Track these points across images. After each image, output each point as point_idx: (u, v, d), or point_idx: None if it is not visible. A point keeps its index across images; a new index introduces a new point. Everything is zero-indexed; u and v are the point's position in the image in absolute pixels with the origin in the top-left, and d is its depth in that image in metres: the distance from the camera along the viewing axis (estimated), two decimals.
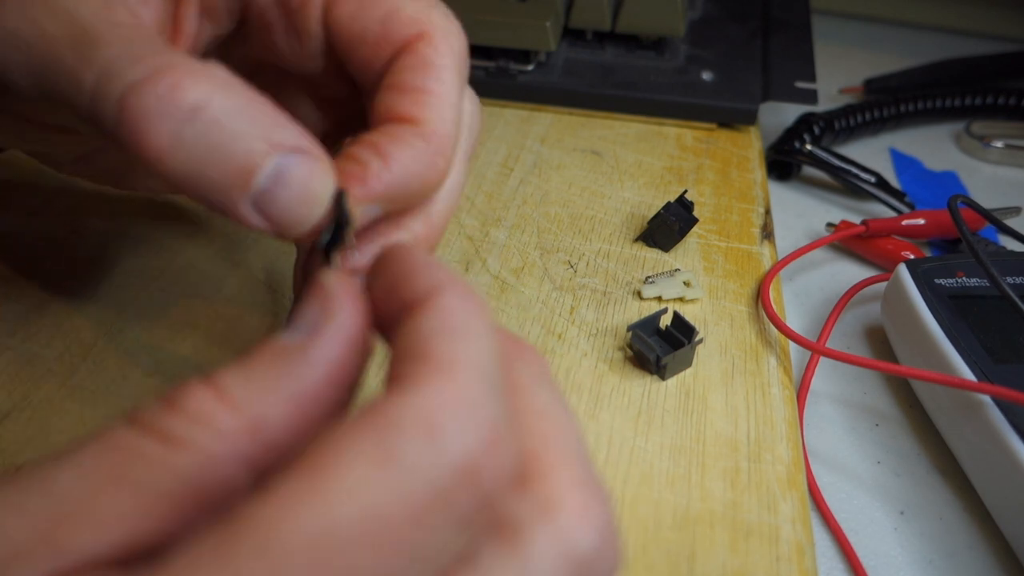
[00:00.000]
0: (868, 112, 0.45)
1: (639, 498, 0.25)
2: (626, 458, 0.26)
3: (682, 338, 0.28)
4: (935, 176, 0.45)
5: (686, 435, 0.27)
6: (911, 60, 0.51)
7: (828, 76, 0.51)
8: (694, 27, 0.46)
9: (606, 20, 0.43)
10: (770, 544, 0.24)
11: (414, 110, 0.19)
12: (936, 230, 0.37)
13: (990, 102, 0.46)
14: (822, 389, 0.32)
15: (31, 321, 0.30)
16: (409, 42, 0.20)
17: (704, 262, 0.34)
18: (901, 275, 0.31)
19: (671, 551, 0.24)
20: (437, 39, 0.20)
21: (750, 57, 0.44)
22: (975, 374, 0.27)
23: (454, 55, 0.20)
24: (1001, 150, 0.45)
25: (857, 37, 0.58)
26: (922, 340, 0.29)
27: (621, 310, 0.31)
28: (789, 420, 0.27)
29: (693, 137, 0.41)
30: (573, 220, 0.35)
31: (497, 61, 0.42)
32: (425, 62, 0.19)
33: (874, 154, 0.46)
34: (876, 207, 0.41)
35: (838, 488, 0.29)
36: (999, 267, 0.29)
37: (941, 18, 0.57)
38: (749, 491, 0.25)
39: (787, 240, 0.39)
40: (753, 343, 0.30)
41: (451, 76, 0.20)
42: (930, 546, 0.27)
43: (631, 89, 0.42)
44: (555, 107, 0.42)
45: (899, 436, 0.30)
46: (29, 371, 0.28)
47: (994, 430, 0.26)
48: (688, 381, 0.28)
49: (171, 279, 0.31)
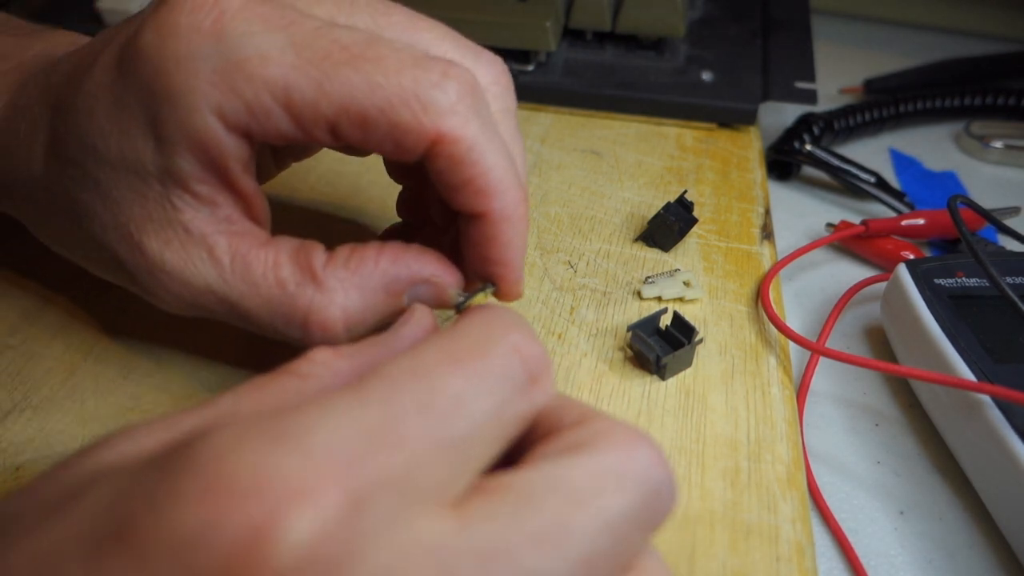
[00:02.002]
0: (868, 112, 0.45)
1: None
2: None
3: (682, 338, 0.28)
4: (935, 176, 0.45)
5: (686, 435, 0.27)
6: (911, 60, 0.51)
7: (828, 76, 0.51)
8: (694, 27, 0.46)
9: (606, 20, 0.43)
10: (770, 544, 0.24)
11: (481, 205, 0.21)
12: (936, 230, 0.37)
13: (990, 102, 0.46)
14: (822, 389, 0.32)
15: (31, 321, 0.30)
16: (431, 147, 0.20)
17: (704, 262, 0.34)
18: (901, 275, 0.31)
19: (671, 551, 0.24)
20: (455, 130, 0.20)
21: (750, 57, 0.44)
22: (975, 374, 0.27)
23: (475, 121, 0.21)
24: (1001, 150, 0.45)
25: (857, 37, 0.58)
26: (922, 340, 0.29)
27: (621, 310, 0.31)
28: (789, 420, 0.27)
29: (693, 137, 0.41)
30: (573, 220, 0.35)
31: None
32: (459, 160, 0.20)
33: (874, 154, 0.46)
34: (876, 207, 0.41)
35: (838, 488, 0.29)
36: (999, 267, 0.29)
37: (941, 18, 0.57)
38: (749, 491, 0.25)
39: (787, 240, 0.39)
40: (753, 343, 0.30)
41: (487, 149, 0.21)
42: (930, 546, 0.27)
43: (631, 89, 0.42)
44: (555, 107, 0.42)
45: (899, 436, 0.30)
46: (29, 371, 0.28)
47: (994, 430, 0.26)
48: (688, 381, 0.28)
49: None
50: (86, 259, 0.25)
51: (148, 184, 0.21)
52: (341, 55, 0.20)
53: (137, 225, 0.22)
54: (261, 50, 0.19)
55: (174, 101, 0.20)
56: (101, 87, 0.21)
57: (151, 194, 0.21)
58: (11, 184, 0.25)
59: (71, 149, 0.22)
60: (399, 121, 0.20)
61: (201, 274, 0.22)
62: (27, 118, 0.24)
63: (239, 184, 0.22)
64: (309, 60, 0.19)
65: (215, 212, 0.22)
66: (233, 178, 0.22)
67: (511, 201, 0.22)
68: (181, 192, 0.21)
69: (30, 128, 0.24)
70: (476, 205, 0.21)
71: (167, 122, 0.20)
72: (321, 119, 0.20)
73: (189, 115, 0.20)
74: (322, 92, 0.20)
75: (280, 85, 0.20)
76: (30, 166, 0.24)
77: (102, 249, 0.23)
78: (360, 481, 0.12)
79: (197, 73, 0.20)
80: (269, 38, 0.20)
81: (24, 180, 0.24)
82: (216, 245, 0.22)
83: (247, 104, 0.20)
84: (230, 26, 0.20)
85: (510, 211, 0.22)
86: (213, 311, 0.23)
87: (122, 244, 0.22)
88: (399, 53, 0.20)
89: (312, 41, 0.20)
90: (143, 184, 0.21)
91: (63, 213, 0.24)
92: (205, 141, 0.20)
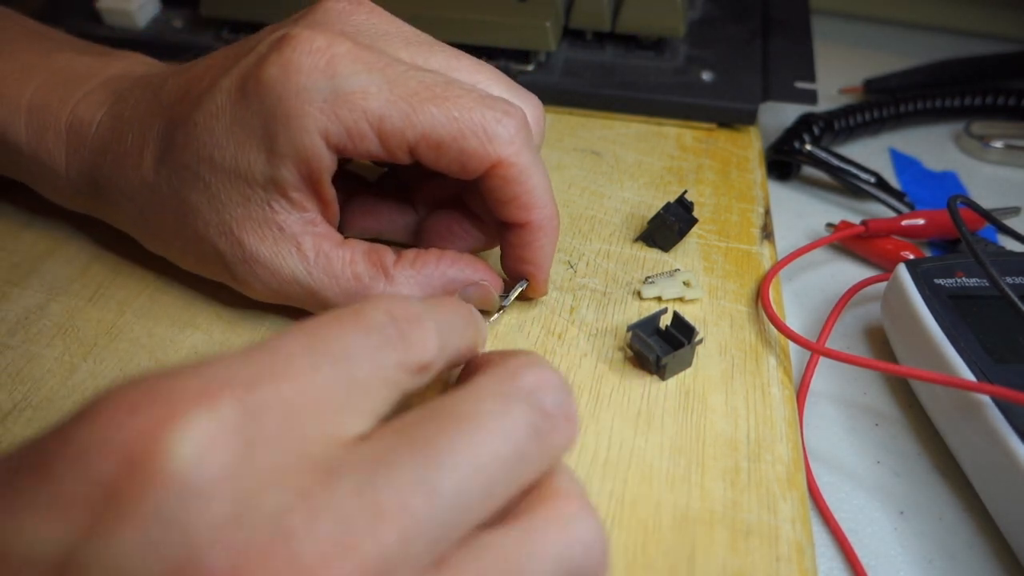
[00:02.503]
0: (868, 112, 0.45)
1: (639, 498, 0.25)
2: (626, 458, 0.26)
3: (682, 338, 0.28)
4: (935, 176, 0.45)
5: (686, 435, 0.27)
6: (911, 60, 0.51)
7: (828, 76, 0.51)
8: (694, 27, 0.46)
9: (606, 20, 0.43)
10: (770, 544, 0.24)
11: (524, 216, 0.27)
12: (936, 230, 0.37)
13: (990, 102, 0.46)
14: (822, 389, 0.32)
15: (32, 321, 0.30)
16: (491, 169, 0.25)
17: (704, 262, 0.34)
18: (901, 275, 0.31)
19: (671, 551, 0.24)
20: (511, 157, 0.25)
21: (750, 57, 0.44)
22: (975, 374, 0.27)
23: (527, 152, 0.25)
24: (1001, 150, 0.45)
25: (857, 37, 0.58)
26: (922, 340, 0.29)
27: (621, 310, 0.31)
28: (789, 420, 0.27)
29: (693, 137, 0.41)
30: (573, 220, 0.35)
31: (497, 61, 0.42)
32: (511, 181, 0.25)
33: (874, 154, 0.46)
34: (876, 207, 0.41)
35: (838, 488, 0.29)
36: (999, 267, 0.29)
37: (941, 18, 0.57)
38: (749, 491, 0.25)
39: (787, 240, 0.39)
40: (753, 343, 0.30)
41: (533, 173, 0.26)
42: (930, 546, 0.27)
43: (631, 89, 0.42)
44: (555, 107, 0.42)
45: (899, 436, 0.30)
46: (30, 371, 0.28)
47: (994, 430, 0.26)
48: (688, 381, 0.28)
49: (172, 279, 0.31)
50: (183, 251, 0.29)
51: (253, 190, 0.26)
52: (425, 93, 0.24)
53: (239, 223, 0.26)
54: (363, 86, 0.24)
55: (289, 123, 0.24)
56: (222, 108, 0.25)
57: (255, 198, 0.26)
58: (118, 185, 0.29)
59: (186, 156, 0.26)
60: (467, 148, 0.25)
61: (289, 266, 0.26)
62: (135, 129, 0.28)
63: (325, 192, 0.26)
64: (400, 96, 0.24)
65: (304, 215, 0.26)
66: (322, 187, 0.26)
67: (548, 215, 0.27)
68: (279, 197, 0.26)
69: (139, 138, 0.28)
70: (520, 216, 0.26)
71: (280, 138, 0.24)
72: (404, 143, 0.25)
73: (300, 134, 0.24)
74: (408, 122, 0.24)
75: (376, 115, 0.24)
76: (140, 170, 0.28)
77: (202, 242, 0.27)
78: (254, 396, 0.14)
79: (312, 101, 0.24)
80: (369, 77, 0.24)
81: (130, 181, 0.28)
82: (303, 243, 0.26)
83: (348, 129, 0.24)
84: (340, 66, 0.24)
85: (546, 223, 0.27)
86: (295, 298, 0.27)
87: (222, 239, 0.27)
88: (470, 93, 0.25)
89: (403, 81, 0.24)
90: (249, 189, 0.26)
91: (168, 212, 0.28)
92: (310, 156, 0.25)
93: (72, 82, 0.30)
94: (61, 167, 0.30)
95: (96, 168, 0.29)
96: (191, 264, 0.29)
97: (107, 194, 0.30)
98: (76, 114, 0.30)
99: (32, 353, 0.29)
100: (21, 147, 0.30)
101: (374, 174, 0.34)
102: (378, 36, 0.26)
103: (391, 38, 0.27)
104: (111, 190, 0.29)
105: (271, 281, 0.27)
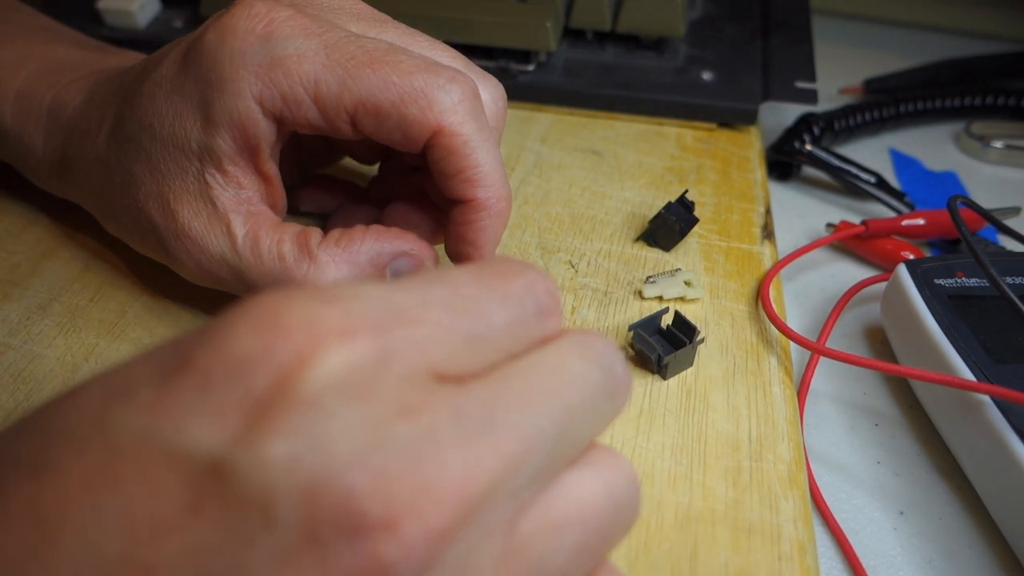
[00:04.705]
0: (868, 112, 0.45)
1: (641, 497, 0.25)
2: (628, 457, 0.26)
3: (683, 338, 0.28)
4: (935, 176, 0.45)
5: (688, 434, 0.27)
6: (911, 60, 0.51)
7: (828, 76, 0.51)
8: (694, 27, 0.46)
9: (606, 20, 0.43)
10: (772, 543, 0.24)
11: (469, 192, 0.25)
12: (936, 230, 0.37)
13: (990, 102, 0.46)
14: (822, 389, 0.32)
15: (33, 322, 0.30)
16: (432, 138, 0.24)
17: (705, 262, 0.34)
18: (901, 275, 0.31)
19: (673, 550, 0.24)
20: (454, 125, 0.24)
21: (750, 57, 0.44)
22: (975, 374, 0.27)
23: (472, 122, 0.24)
24: (1001, 150, 0.45)
25: (857, 37, 0.58)
26: (922, 340, 0.29)
27: (622, 310, 0.31)
28: (790, 419, 0.28)
29: (693, 137, 0.41)
30: (574, 220, 0.35)
31: (498, 61, 0.42)
32: (454, 152, 0.24)
33: (874, 154, 0.46)
34: (876, 207, 0.41)
35: (838, 488, 0.29)
36: (999, 267, 0.29)
37: (941, 18, 0.57)
38: (751, 490, 0.25)
39: (787, 240, 0.39)
40: (754, 343, 0.30)
41: (480, 147, 0.24)
42: (930, 546, 0.27)
43: (631, 89, 0.42)
44: (555, 107, 0.42)
45: (899, 436, 0.31)
46: (31, 371, 0.28)
47: (994, 430, 0.26)
48: (689, 380, 0.29)
49: (173, 279, 0.31)
50: (128, 227, 0.29)
51: (189, 160, 0.25)
52: (363, 58, 0.24)
53: (175, 195, 0.26)
54: (299, 51, 0.23)
55: (223, 87, 0.24)
56: (165, 77, 0.25)
57: (191, 169, 0.26)
58: (79, 160, 0.29)
59: (131, 127, 0.26)
60: (407, 114, 0.24)
61: (218, 244, 0.26)
62: (100, 107, 0.29)
63: (264, 167, 0.26)
64: (336, 61, 0.23)
65: (239, 193, 0.26)
66: (260, 160, 0.25)
67: (495, 194, 0.25)
68: (214, 170, 0.25)
69: (100, 115, 0.28)
70: (464, 192, 0.25)
71: (215, 104, 0.24)
72: (342, 110, 0.24)
73: (234, 99, 0.24)
74: (345, 87, 0.23)
75: (311, 79, 0.23)
76: (96, 144, 0.28)
77: (141, 215, 0.27)
78: (389, 339, 0.14)
79: (246, 66, 0.24)
80: (306, 42, 0.24)
81: (88, 155, 0.29)
82: (233, 221, 0.26)
83: (283, 93, 0.24)
84: (277, 31, 0.24)
85: (492, 203, 0.25)
86: (224, 280, 0.27)
87: (159, 211, 0.26)
88: (413, 59, 0.24)
89: (341, 46, 0.24)
90: (185, 159, 0.25)
91: (116, 186, 0.28)
92: (244, 122, 0.24)
93: (62, 71, 0.31)
94: (39, 148, 0.31)
95: (66, 147, 0.30)
96: (137, 242, 0.29)
97: (72, 173, 0.30)
98: (57, 99, 0.30)
99: (34, 353, 0.29)
100: (7, 129, 0.31)
101: (368, 181, 0.34)
102: (328, 10, 0.26)
103: (342, 12, 0.26)
104: (75, 169, 0.30)
105: (201, 258, 0.26)
